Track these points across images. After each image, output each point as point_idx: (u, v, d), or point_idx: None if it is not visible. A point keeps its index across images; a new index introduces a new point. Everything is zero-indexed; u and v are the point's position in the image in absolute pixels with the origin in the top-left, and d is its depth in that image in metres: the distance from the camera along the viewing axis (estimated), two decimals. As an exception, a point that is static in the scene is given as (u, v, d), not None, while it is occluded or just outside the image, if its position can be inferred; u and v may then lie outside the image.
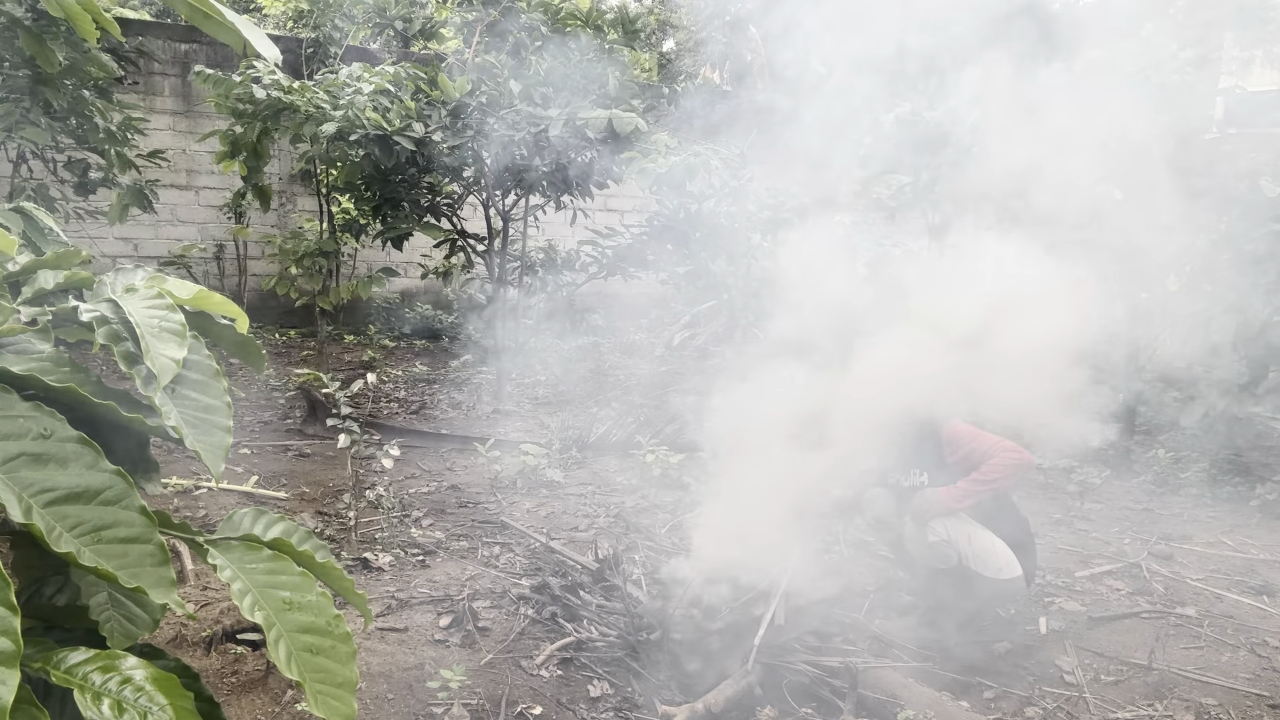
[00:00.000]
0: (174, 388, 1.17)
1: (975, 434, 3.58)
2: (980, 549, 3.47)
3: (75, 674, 0.94)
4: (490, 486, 5.33)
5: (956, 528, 3.48)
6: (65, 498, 0.98)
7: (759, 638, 3.14)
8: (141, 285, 1.27)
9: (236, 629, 3.15)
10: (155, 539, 1.01)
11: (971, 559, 3.46)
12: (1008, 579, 3.48)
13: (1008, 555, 3.49)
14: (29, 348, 1.16)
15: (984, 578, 3.47)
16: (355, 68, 6.92)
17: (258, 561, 1.16)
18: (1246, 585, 4.21)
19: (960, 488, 3.47)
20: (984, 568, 3.46)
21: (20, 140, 6.56)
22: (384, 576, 3.86)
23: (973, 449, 3.53)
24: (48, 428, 1.01)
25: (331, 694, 1.08)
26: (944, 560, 3.49)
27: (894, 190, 6.31)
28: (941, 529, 3.48)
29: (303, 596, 1.13)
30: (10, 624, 0.82)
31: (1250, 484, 5.55)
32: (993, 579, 3.47)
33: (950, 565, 3.48)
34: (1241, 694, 3.21)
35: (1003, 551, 3.49)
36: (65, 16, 1.75)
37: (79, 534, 0.97)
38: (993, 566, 3.46)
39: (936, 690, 3.12)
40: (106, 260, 9.38)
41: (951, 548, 3.46)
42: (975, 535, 3.48)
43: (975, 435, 3.58)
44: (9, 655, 0.80)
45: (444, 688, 2.86)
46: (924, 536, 3.50)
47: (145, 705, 0.92)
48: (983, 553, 3.47)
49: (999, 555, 3.48)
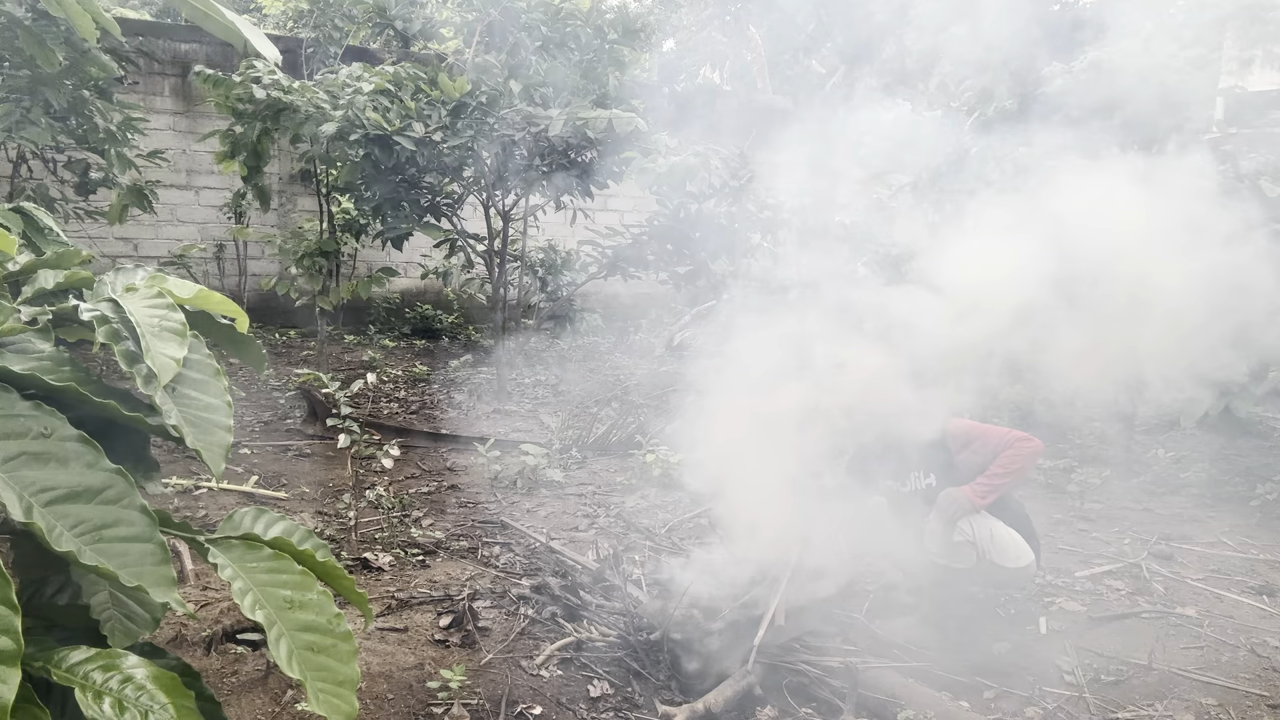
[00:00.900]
0: (174, 387, 1.17)
1: (980, 428, 3.63)
2: (1000, 543, 3.54)
3: (76, 673, 0.94)
4: (490, 486, 5.33)
5: (979, 525, 3.52)
6: (66, 497, 0.98)
7: (759, 638, 3.14)
8: (142, 285, 1.27)
9: (236, 629, 3.15)
10: (156, 538, 1.01)
11: (993, 554, 3.52)
12: (1024, 565, 3.56)
13: (1021, 543, 3.57)
14: (29, 347, 1.16)
15: (1003, 569, 3.54)
16: (355, 68, 6.92)
17: (258, 561, 1.16)
18: (1246, 585, 4.21)
19: (982, 483, 3.50)
20: (1004, 559, 3.53)
21: (20, 140, 6.56)
22: (384, 576, 3.86)
23: (981, 443, 3.58)
24: (48, 427, 1.01)
25: (332, 692, 1.08)
26: (965, 560, 3.51)
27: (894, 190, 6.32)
28: (967, 528, 3.51)
29: (303, 595, 1.13)
30: (11, 623, 0.82)
31: (1250, 484, 5.55)
32: (1011, 568, 3.55)
33: (969, 565, 3.51)
34: (1241, 694, 3.21)
35: (1017, 540, 3.57)
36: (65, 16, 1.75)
37: (80, 533, 0.97)
38: (1011, 556, 3.54)
39: (936, 690, 3.12)
40: (106, 260, 9.38)
41: (973, 547, 3.50)
42: (995, 530, 3.53)
43: (980, 429, 3.63)
44: (10, 654, 0.80)
45: (444, 688, 2.86)
46: (949, 537, 3.52)
47: (146, 704, 0.92)
48: (1003, 545, 3.54)
49: (1015, 544, 3.56)
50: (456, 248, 7.54)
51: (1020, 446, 3.49)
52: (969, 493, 3.50)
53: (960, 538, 3.50)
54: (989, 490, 3.49)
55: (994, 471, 3.50)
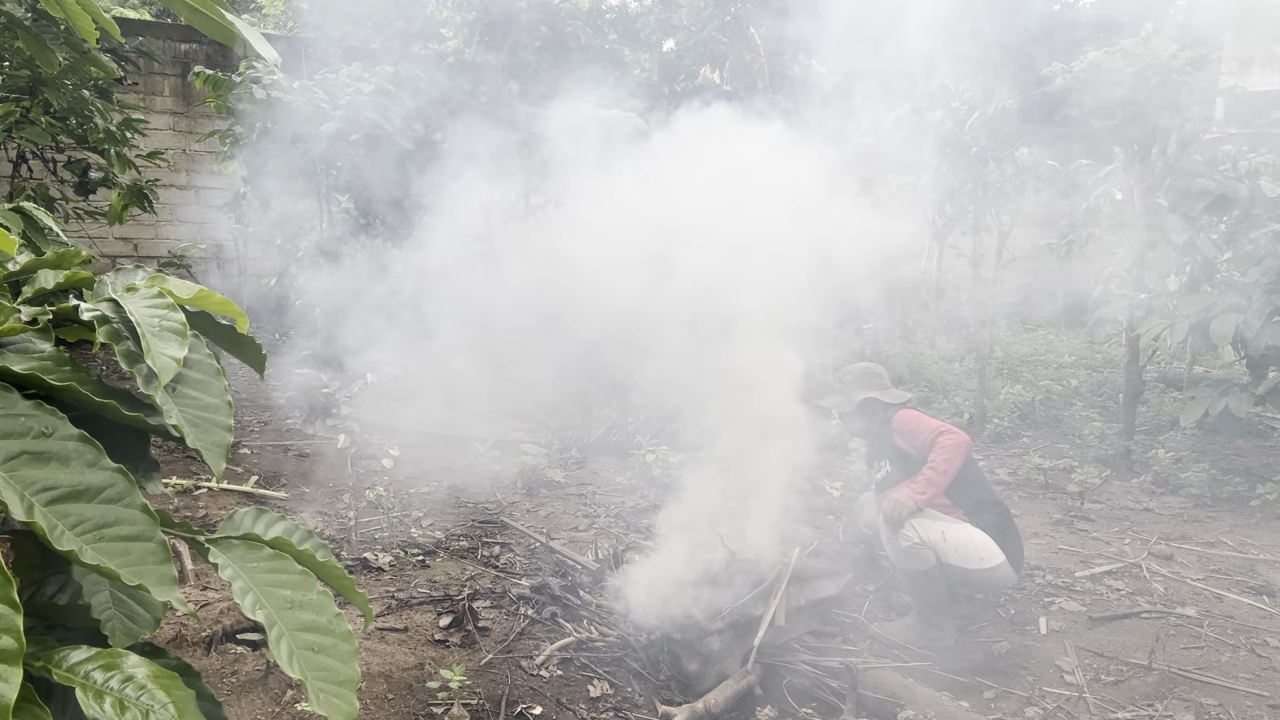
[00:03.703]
0: (175, 386, 1.17)
1: (916, 420, 3.65)
2: (957, 543, 3.48)
3: (77, 672, 0.94)
4: (490, 486, 5.33)
5: (929, 527, 3.49)
6: (67, 496, 0.98)
7: (759, 638, 3.14)
8: (142, 285, 1.27)
9: (236, 629, 3.15)
10: (157, 537, 1.01)
11: (950, 555, 3.47)
12: (990, 567, 3.50)
13: (987, 545, 3.51)
14: (30, 347, 1.16)
15: (966, 570, 3.49)
16: (355, 68, 6.93)
17: (259, 560, 1.15)
18: (1246, 585, 4.21)
19: (918, 482, 3.50)
20: (964, 561, 3.48)
21: (20, 140, 6.56)
22: (384, 576, 3.85)
23: (913, 436, 3.60)
24: (49, 426, 1.01)
25: (333, 692, 1.08)
26: (923, 562, 3.49)
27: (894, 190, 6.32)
28: (913, 532, 3.49)
29: (304, 595, 1.13)
30: (13, 622, 0.82)
31: (1250, 484, 5.55)
32: (976, 570, 3.49)
33: (930, 566, 3.49)
34: (1241, 694, 3.21)
35: (982, 542, 3.51)
36: (65, 17, 1.75)
37: (81, 532, 0.97)
38: (974, 558, 3.48)
39: (936, 690, 3.12)
40: (106, 260, 9.38)
41: (928, 548, 3.47)
42: (949, 531, 3.49)
43: (916, 421, 3.64)
44: (12, 653, 0.80)
45: (444, 688, 2.86)
46: (899, 542, 3.52)
47: (147, 703, 0.92)
48: (960, 546, 3.48)
49: (978, 545, 3.50)
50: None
51: (943, 440, 3.50)
52: (908, 493, 3.50)
53: (907, 543, 3.49)
54: (925, 488, 3.48)
55: (927, 470, 3.50)
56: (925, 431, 3.59)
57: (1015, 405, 7.41)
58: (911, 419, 3.68)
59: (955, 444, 3.50)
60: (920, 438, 3.59)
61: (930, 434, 3.56)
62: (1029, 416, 7.48)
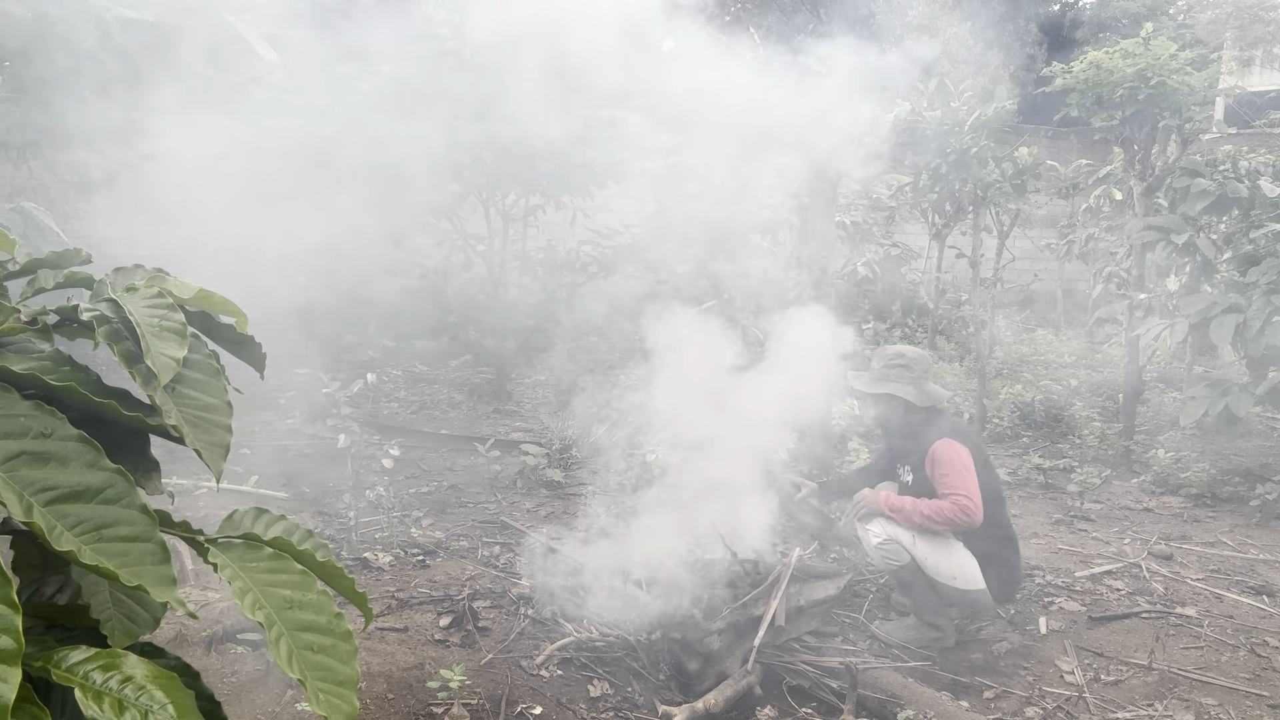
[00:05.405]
0: (174, 386, 1.17)
1: (952, 465, 3.42)
2: (930, 552, 3.46)
3: (76, 672, 0.94)
4: (490, 486, 5.33)
5: (897, 529, 3.49)
6: (66, 496, 0.98)
7: (759, 638, 3.14)
8: (142, 285, 1.26)
9: (236, 629, 3.15)
10: (156, 537, 1.01)
11: (923, 561, 3.46)
12: (964, 588, 3.45)
13: (967, 565, 3.45)
14: (29, 347, 1.16)
15: (936, 582, 3.46)
16: (354, 67, 6.91)
17: (258, 560, 1.15)
18: (1246, 585, 4.21)
19: (897, 502, 3.48)
20: (936, 572, 3.45)
21: (20, 140, 6.55)
22: (384, 576, 3.85)
23: (939, 478, 3.43)
24: (48, 426, 1.01)
25: (333, 692, 1.08)
26: (897, 558, 3.49)
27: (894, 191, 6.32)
28: (879, 529, 3.50)
29: (303, 595, 1.13)
30: (12, 622, 0.82)
31: (1250, 484, 5.55)
32: (947, 585, 3.45)
33: (905, 563, 3.48)
34: (1241, 694, 3.21)
35: (962, 560, 3.46)
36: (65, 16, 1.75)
37: (80, 532, 0.97)
38: (945, 573, 3.44)
39: (936, 690, 3.12)
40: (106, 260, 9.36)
41: (899, 545, 3.47)
42: (920, 538, 3.47)
43: (950, 464, 3.42)
44: (11, 653, 0.80)
45: (444, 687, 2.86)
46: (869, 538, 3.54)
47: (146, 704, 0.92)
48: (933, 556, 3.46)
49: (956, 563, 3.45)
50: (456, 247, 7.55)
51: (952, 505, 3.35)
52: (882, 498, 3.50)
53: (876, 539, 3.49)
54: (897, 509, 3.46)
55: (919, 506, 3.41)
56: (952, 483, 3.38)
57: (1015, 405, 7.41)
58: (950, 459, 3.42)
59: (953, 516, 3.35)
60: (940, 482, 3.41)
61: (952, 488, 3.37)
62: (1029, 416, 7.47)
